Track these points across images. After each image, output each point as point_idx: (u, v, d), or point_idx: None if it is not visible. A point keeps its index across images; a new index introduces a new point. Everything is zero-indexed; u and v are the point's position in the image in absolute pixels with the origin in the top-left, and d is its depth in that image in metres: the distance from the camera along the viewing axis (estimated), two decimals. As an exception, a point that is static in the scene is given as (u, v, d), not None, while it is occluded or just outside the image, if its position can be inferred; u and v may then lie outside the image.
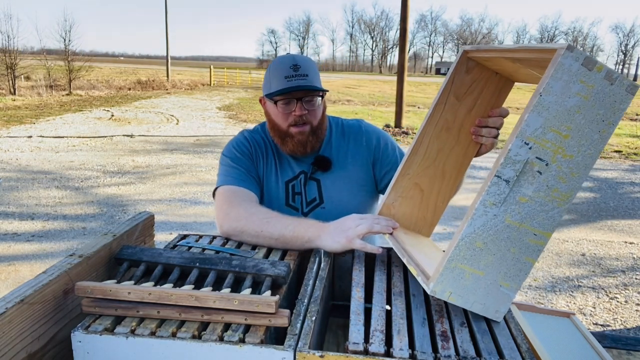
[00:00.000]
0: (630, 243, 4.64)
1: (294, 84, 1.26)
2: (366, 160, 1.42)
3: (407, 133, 10.96)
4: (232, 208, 1.21)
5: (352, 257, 1.07)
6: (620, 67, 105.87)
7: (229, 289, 0.86)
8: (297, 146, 1.33)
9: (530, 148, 0.73)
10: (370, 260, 1.05)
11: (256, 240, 1.13)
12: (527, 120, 0.72)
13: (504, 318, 0.82)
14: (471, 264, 0.78)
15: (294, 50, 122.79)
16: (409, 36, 11.91)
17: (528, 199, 0.75)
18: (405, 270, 0.99)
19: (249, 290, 0.85)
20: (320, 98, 1.33)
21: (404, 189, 1.12)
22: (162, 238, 4.17)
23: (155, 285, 0.88)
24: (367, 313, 0.81)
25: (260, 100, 1.43)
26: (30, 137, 9.41)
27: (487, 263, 0.78)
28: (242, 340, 0.72)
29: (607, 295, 3.52)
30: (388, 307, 0.84)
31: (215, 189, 1.34)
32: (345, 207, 1.38)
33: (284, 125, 1.32)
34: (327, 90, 1.36)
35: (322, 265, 1.01)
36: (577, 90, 0.71)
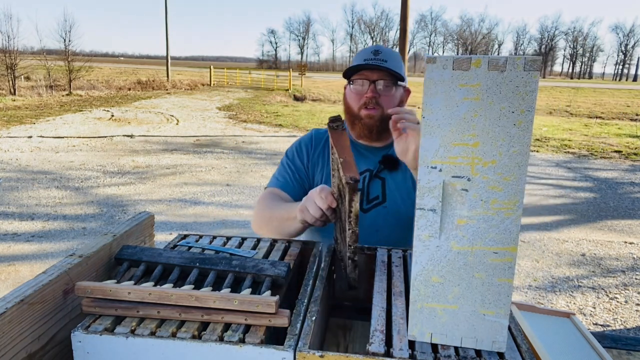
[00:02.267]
0: (630, 243, 4.64)
1: (371, 63, 1.27)
2: None
3: (407, 133, 10.95)
4: (258, 205, 1.34)
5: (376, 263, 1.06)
6: (620, 67, 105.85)
7: (229, 289, 0.86)
8: (364, 129, 1.32)
9: (440, 170, 0.68)
10: (370, 260, 1.05)
11: (270, 225, 1.25)
12: (423, 146, 0.68)
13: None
14: (438, 300, 0.72)
15: (294, 50, 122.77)
16: (409, 36, 11.91)
17: (467, 219, 0.69)
18: (405, 270, 0.99)
19: (249, 290, 0.85)
20: (395, 87, 1.31)
21: None
22: (162, 238, 4.17)
23: (155, 285, 0.88)
24: (368, 313, 0.81)
25: (344, 87, 1.42)
26: (30, 137, 9.40)
27: (455, 295, 0.72)
28: (242, 341, 0.72)
29: (607, 295, 3.52)
30: (388, 307, 0.84)
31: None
32: (406, 208, 1.37)
33: (356, 106, 1.31)
34: (404, 79, 1.33)
35: (322, 265, 1.01)
36: (462, 95, 0.66)
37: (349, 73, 1.31)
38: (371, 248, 1.10)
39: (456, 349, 0.72)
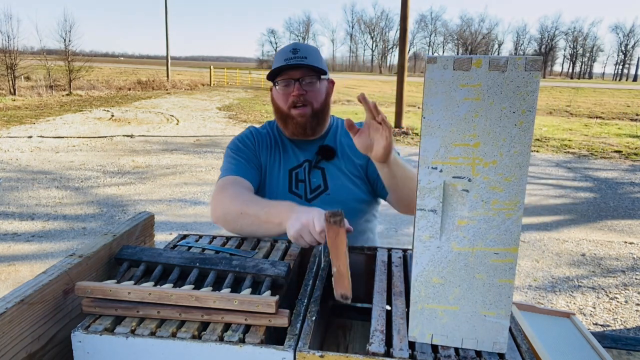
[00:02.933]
0: (630, 243, 4.64)
1: (291, 62, 1.29)
2: (361, 159, 1.43)
3: (407, 133, 10.96)
4: (220, 193, 1.25)
5: (375, 263, 1.06)
6: (620, 67, 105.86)
7: (229, 289, 0.86)
8: (297, 128, 1.35)
9: (440, 171, 0.68)
10: (370, 260, 1.05)
11: (239, 222, 1.16)
12: (423, 146, 0.68)
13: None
14: (439, 301, 0.72)
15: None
16: (409, 36, 11.91)
17: (467, 220, 0.69)
18: (405, 270, 0.99)
19: (249, 290, 0.85)
20: (319, 81, 1.34)
21: None
22: (162, 238, 4.17)
23: (155, 285, 0.88)
24: (368, 313, 0.81)
25: (270, 89, 1.45)
26: (30, 137, 9.40)
27: (456, 296, 0.72)
28: (242, 341, 0.72)
29: (607, 295, 3.52)
30: (388, 307, 0.84)
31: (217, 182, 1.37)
32: (349, 193, 1.40)
33: (285, 107, 1.34)
34: (326, 72, 1.36)
35: (322, 265, 1.01)
36: (463, 95, 0.65)
37: (273, 75, 1.34)
38: (371, 248, 1.10)
39: (456, 349, 0.72)
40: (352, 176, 1.42)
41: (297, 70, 1.30)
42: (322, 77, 1.35)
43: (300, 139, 1.42)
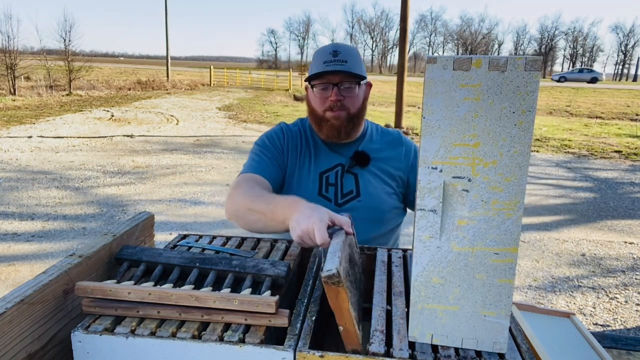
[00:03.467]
0: (630, 243, 4.64)
1: (331, 67, 1.27)
2: (402, 171, 1.43)
3: (407, 133, 10.96)
4: (235, 190, 1.24)
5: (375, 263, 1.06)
6: (620, 67, 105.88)
7: (229, 289, 0.86)
8: (332, 131, 1.34)
9: (440, 171, 0.68)
10: (370, 260, 1.05)
11: (248, 218, 1.15)
12: (423, 146, 0.68)
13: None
14: (439, 301, 0.72)
15: (294, 50, 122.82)
16: (409, 36, 11.91)
17: (467, 220, 0.69)
18: (405, 270, 0.99)
19: (249, 290, 0.85)
20: (358, 86, 1.32)
21: None
22: (162, 238, 4.17)
23: (155, 285, 0.88)
24: (367, 313, 0.81)
25: (305, 88, 1.43)
26: (30, 137, 9.40)
27: (456, 296, 0.72)
28: (242, 341, 0.72)
29: (607, 295, 3.52)
30: (388, 307, 0.84)
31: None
32: (381, 201, 1.39)
33: (320, 109, 1.33)
34: (365, 78, 1.35)
35: (322, 266, 1.01)
36: (463, 95, 0.65)
37: (311, 77, 1.32)
38: (371, 248, 1.10)
39: (456, 349, 0.72)
40: (386, 185, 1.40)
41: (336, 75, 1.28)
42: (361, 82, 1.33)
43: (333, 141, 1.40)
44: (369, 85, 1.42)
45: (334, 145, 1.41)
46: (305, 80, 1.36)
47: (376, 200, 1.38)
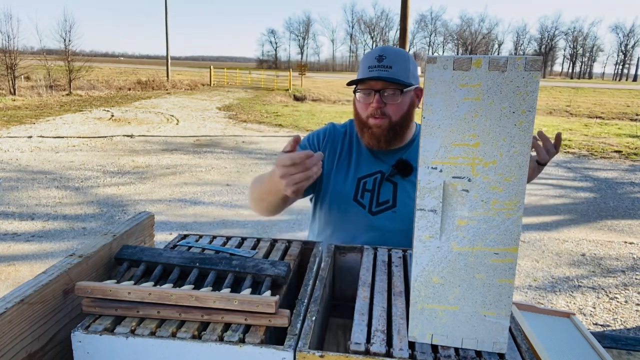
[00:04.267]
0: (630, 243, 4.64)
1: (374, 74, 1.25)
2: None
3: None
4: (251, 185, 1.35)
5: (360, 256, 1.06)
6: (620, 67, 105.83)
7: (229, 289, 0.86)
8: (372, 138, 1.32)
9: (440, 171, 0.68)
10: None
11: (260, 207, 1.32)
12: (423, 146, 0.68)
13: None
14: (438, 301, 0.72)
15: (294, 50, 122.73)
16: (409, 36, 11.90)
17: (467, 220, 0.69)
18: (405, 270, 0.99)
19: (249, 290, 0.85)
20: (404, 93, 1.28)
21: None
22: (162, 238, 4.17)
23: (155, 285, 0.88)
24: (368, 313, 0.81)
25: (354, 92, 1.41)
26: (30, 137, 9.40)
27: (456, 296, 0.72)
28: (242, 340, 0.72)
29: (607, 295, 3.52)
30: (388, 307, 0.84)
31: None
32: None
33: (364, 115, 1.31)
34: (413, 85, 1.30)
35: (322, 265, 1.01)
36: (463, 95, 0.65)
37: (355, 81, 1.31)
38: (356, 247, 1.10)
39: (456, 349, 0.72)
40: None
41: (378, 81, 1.25)
42: (406, 89, 1.28)
43: (376, 149, 1.36)
44: (419, 91, 1.36)
45: (377, 152, 1.38)
46: (348, 84, 1.34)
47: (412, 213, 1.34)
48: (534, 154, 1.38)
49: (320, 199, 1.41)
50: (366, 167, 1.38)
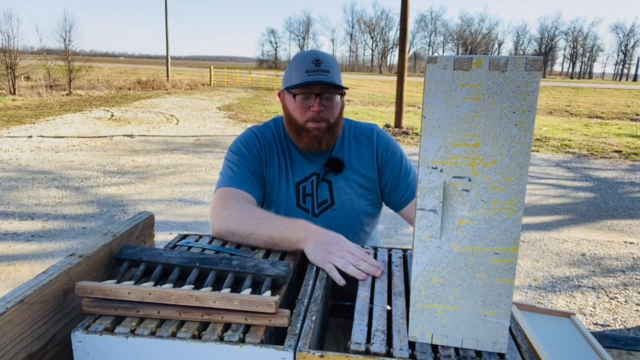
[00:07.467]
0: (630, 243, 4.64)
1: (315, 78, 1.26)
2: (373, 165, 1.42)
3: (407, 133, 10.96)
4: (225, 209, 1.19)
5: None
6: (620, 67, 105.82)
7: (229, 289, 0.86)
8: (313, 141, 1.33)
9: (441, 171, 0.68)
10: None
11: (246, 241, 1.11)
12: (423, 146, 0.68)
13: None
14: (439, 301, 0.72)
15: (294, 50, 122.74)
16: (409, 36, 11.91)
17: (467, 220, 0.69)
18: (405, 270, 0.99)
19: (249, 290, 0.85)
20: (339, 96, 1.32)
21: None
22: (162, 238, 4.17)
23: (155, 285, 0.88)
24: (368, 313, 0.81)
25: (279, 94, 1.42)
26: (30, 137, 9.40)
27: (456, 296, 0.72)
28: (242, 340, 0.72)
29: (607, 295, 3.52)
30: (388, 307, 0.84)
31: (216, 189, 1.32)
32: (354, 209, 1.39)
33: (302, 119, 1.32)
34: (347, 88, 1.35)
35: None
36: (463, 95, 0.65)
37: (293, 86, 1.29)
38: (371, 248, 1.10)
39: (456, 349, 0.72)
40: (359, 187, 1.40)
41: (318, 85, 1.27)
42: (341, 92, 1.33)
43: (312, 152, 1.38)
44: (344, 93, 1.40)
45: (308, 154, 1.39)
46: (286, 89, 1.33)
47: (350, 207, 1.38)
48: None
49: (268, 208, 1.41)
50: (300, 170, 1.39)
